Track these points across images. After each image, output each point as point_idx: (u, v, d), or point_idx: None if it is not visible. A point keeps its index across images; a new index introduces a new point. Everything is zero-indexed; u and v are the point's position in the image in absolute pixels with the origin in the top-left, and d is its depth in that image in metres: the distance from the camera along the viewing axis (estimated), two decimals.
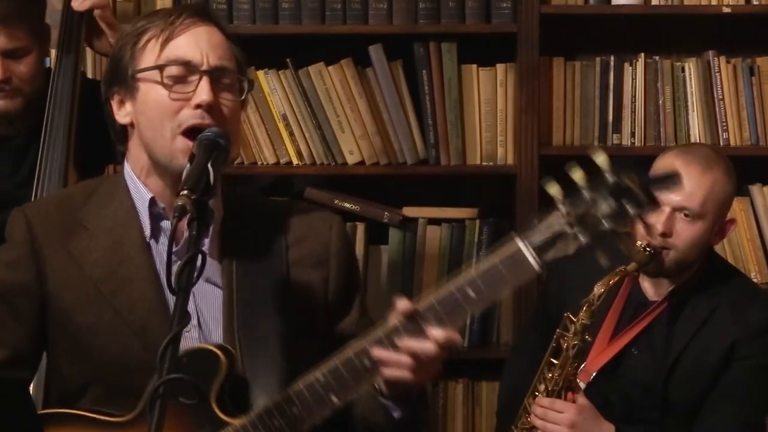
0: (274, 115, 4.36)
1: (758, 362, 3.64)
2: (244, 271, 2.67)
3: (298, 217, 2.78)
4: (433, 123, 4.37)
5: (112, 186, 2.74)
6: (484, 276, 2.40)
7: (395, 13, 4.33)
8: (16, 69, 3.48)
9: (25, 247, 2.69)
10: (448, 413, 4.48)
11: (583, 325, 3.52)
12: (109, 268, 2.66)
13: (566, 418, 3.52)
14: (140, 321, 2.62)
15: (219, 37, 2.64)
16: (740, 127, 4.37)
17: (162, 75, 2.57)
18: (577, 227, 2.34)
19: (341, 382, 2.47)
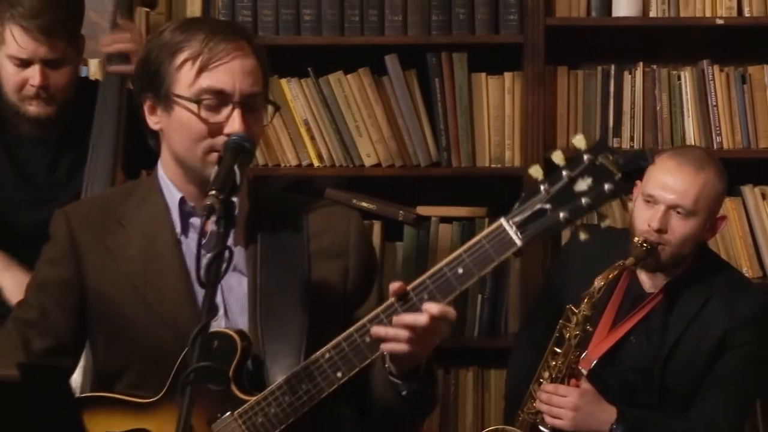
0: (297, 121, 4.37)
1: (749, 350, 3.64)
2: (267, 260, 2.68)
3: (319, 212, 2.78)
4: (445, 127, 4.37)
5: (148, 187, 2.75)
6: (470, 253, 2.42)
7: (410, 25, 4.33)
8: (54, 77, 3.46)
9: (66, 244, 2.71)
10: (459, 399, 4.48)
11: (585, 316, 3.52)
12: (143, 263, 2.68)
13: (569, 402, 3.52)
14: (171, 312, 2.64)
15: (251, 63, 2.62)
16: (733, 132, 4.37)
17: (200, 108, 2.57)
18: (555, 204, 2.35)
19: (344, 359, 2.50)
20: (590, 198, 2.34)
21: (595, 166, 2.34)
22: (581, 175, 2.35)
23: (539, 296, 4.00)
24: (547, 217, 2.37)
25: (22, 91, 3.46)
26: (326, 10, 4.31)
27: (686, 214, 3.52)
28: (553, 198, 2.36)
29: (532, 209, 2.37)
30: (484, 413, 4.46)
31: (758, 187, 4.40)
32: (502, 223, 2.39)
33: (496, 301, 4.41)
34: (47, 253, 2.76)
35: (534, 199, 2.37)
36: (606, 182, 2.34)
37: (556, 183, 2.36)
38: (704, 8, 4.35)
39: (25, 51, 3.40)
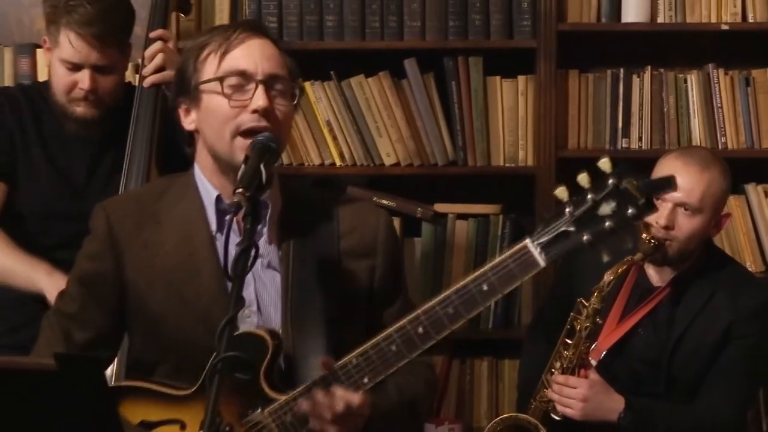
0: (320, 122, 4.37)
1: (752, 341, 3.64)
2: (299, 256, 2.67)
3: (349, 209, 2.78)
4: (461, 128, 4.37)
5: (183, 185, 2.75)
6: (495, 271, 2.41)
7: (428, 30, 4.33)
8: (102, 82, 3.48)
9: (105, 240, 2.71)
10: (475, 388, 4.47)
11: (594, 309, 3.53)
12: (179, 260, 2.68)
13: (579, 393, 3.53)
14: (204, 308, 2.63)
15: (271, 48, 2.65)
16: (737, 132, 4.36)
17: (222, 86, 2.58)
18: (579, 226, 2.34)
19: (371, 366, 2.49)
20: (613, 222, 2.33)
21: (619, 190, 2.32)
22: (605, 199, 2.33)
23: (550, 292, 4.00)
24: (570, 239, 2.35)
25: (71, 93, 3.48)
26: (348, 16, 4.32)
27: (692, 212, 3.53)
28: (577, 221, 2.34)
29: (557, 231, 2.36)
30: (498, 401, 4.46)
31: (761, 185, 4.39)
32: (527, 244, 2.38)
33: (510, 296, 4.40)
34: (87, 248, 2.77)
35: (559, 221, 2.36)
36: (629, 207, 2.32)
37: (580, 206, 2.34)
38: (710, 14, 4.34)
39: (77, 55, 3.43)
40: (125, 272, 2.69)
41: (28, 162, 3.55)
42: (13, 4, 4.58)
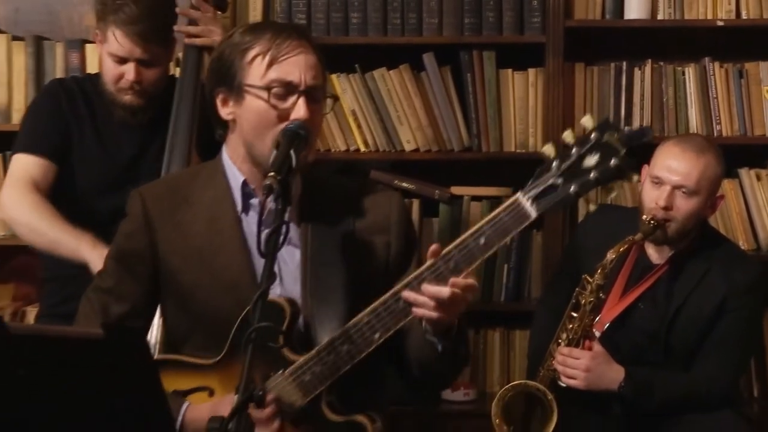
0: (345, 111, 4.37)
1: (745, 314, 3.65)
2: (317, 235, 2.68)
3: (364, 192, 2.79)
4: (476, 117, 4.36)
5: (212, 169, 2.76)
6: (491, 225, 2.42)
7: (445, 26, 4.32)
8: (146, 74, 3.51)
9: (140, 220, 2.72)
10: (488, 357, 4.48)
11: (598, 285, 3.53)
12: (208, 237, 2.69)
13: (582, 364, 3.53)
14: (232, 281, 2.64)
15: (313, 57, 2.64)
16: (731, 121, 4.35)
17: (269, 95, 2.58)
18: (566, 179, 2.35)
19: (381, 322, 2.51)
20: (598, 172, 2.33)
21: (602, 143, 2.33)
22: (589, 151, 2.34)
23: (558, 269, 4.00)
24: (558, 191, 2.36)
25: (119, 84, 3.51)
26: (371, 13, 4.32)
27: (689, 194, 3.53)
28: (564, 174, 2.35)
29: (545, 184, 2.37)
30: (509, 369, 4.47)
31: (753, 169, 4.39)
32: (518, 197, 2.40)
33: (520, 271, 4.42)
34: (124, 228, 2.78)
35: (547, 175, 2.37)
36: (612, 158, 2.32)
37: (566, 160, 2.35)
38: (706, 11, 4.34)
39: (122, 51, 3.46)
40: (158, 250, 2.71)
41: (82, 146, 3.58)
42: (63, 2, 4.59)
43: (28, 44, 4.38)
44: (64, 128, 3.56)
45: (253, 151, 2.64)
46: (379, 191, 2.83)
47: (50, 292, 3.65)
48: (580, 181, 2.34)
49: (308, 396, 2.55)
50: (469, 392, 4.35)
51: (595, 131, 2.34)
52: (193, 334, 2.71)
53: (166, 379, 2.56)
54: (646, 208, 3.55)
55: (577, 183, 2.34)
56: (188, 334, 2.72)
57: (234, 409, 2.21)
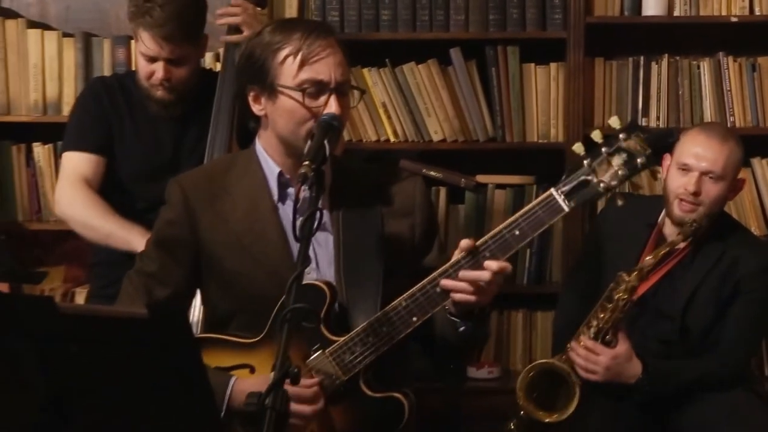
0: (376, 103, 4.38)
1: (758, 296, 3.65)
2: (348, 220, 2.70)
3: (390, 179, 2.80)
4: (500, 109, 4.36)
5: (247, 160, 2.76)
6: (525, 217, 2.48)
7: (471, 23, 4.32)
8: (176, 72, 3.52)
9: (182, 208, 2.73)
10: (510, 338, 4.48)
11: (633, 286, 3.49)
12: (247, 225, 2.70)
13: (603, 361, 3.50)
14: (272, 265, 2.65)
15: (340, 54, 2.64)
16: (744, 113, 4.34)
17: (303, 95, 2.59)
18: (596, 176, 2.42)
19: (419, 306, 2.53)
20: (626, 170, 2.41)
21: (629, 143, 2.40)
22: (617, 151, 2.41)
23: (581, 254, 4.00)
24: (589, 187, 2.43)
25: (150, 80, 3.53)
26: (401, 10, 4.32)
27: (716, 179, 3.55)
28: (594, 171, 2.42)
29: (577, 180, 2.44)
30: (531, 348, 4.47)
31: (765, 159, 4.37)
32: (552, 192, 2.46)
33: (542, 255, 4.42)
34: (164, 215, 2.78)
35: (578, 172, 2.44)
36: (638, 157, 2.40)
37: (596, 158, 2.42)
38: (721, 7, 4.31)
39: (151, 51, 3.48)
40: (200, 237, 2.71)
41: (122, 139, 3.60)
42: (111, 0, 4.60)
43: (77, 40, 4.40)
44: (106, 123, 3.59)
45: (287, 144, 2.65)
46: (403, 177, 2.84)
47: (99, 274, 3.68)
48: (609, 178, 2.42)
49: (348, 374, 2.56)
50: (493, 370, 4.35)
51: (623, 132, 2.42)
52: (236, 316, 2.72)
53: (209, 356, 2.59)
54: (673, 194, 3.55)
55: (606, 180, 2.42)
56: (231, 316, 2.73)
57: (270, 386, 2.22)
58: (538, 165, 4.45)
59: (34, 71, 4.39)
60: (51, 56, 4.40)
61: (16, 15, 4.52)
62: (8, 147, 4.45)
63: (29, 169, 4.44)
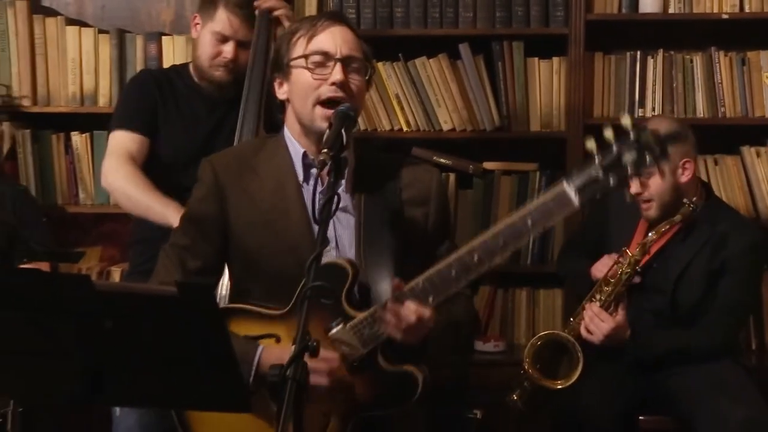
0: (390, 95, 4.37)
1: (744, 275, 3.67)
2: (369, 204, 2.69)
3: (409, 168, 2.79)
4: (506, 100, 4.35)
5: (275, 143, 2.77)
6: (538, 210, 2.42)
7: (478, 20, 4.31)
8: (241, 55, 3.58)
9: (212, 186, 2.74)
10: (515, 314, 4.48)
11: (636, 259, 3.53)
12: (273, 203, 2.70)
13: (605, 327, 3.52)
14: (293, 242, 2.66)
15: (349, 34, 2.67)
16: (734, 104, 4.31)
17: (307, 62, 2.62)
18: (607, 172, 2.35)
19: (434, 287, 2.50)
20: (635, 168, 2.34)
21: (639, 142, 2.34)
22: (628, 149, 2.34)
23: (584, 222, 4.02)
24: (600, 183, 2.37)
25: (215, 60, 3.57)
26: (413, 8, 4.31)
27: (648, 175, 3.50)
28: (605, 168, 2.35)
29: (589, 176, 2.37)
30: (534, 323, 4.46)
31: (754, 147, 4.35)
32: (564, 187, 2.40)
33: (544, 238, 4.40)
34: (196, 193, 2.80)
35: (590, 168, 2.37)
36: (648, 154, 2.33)
37: (607, 156, 2.35)
38: (713, 5, 4.29)
39: (229, 30, 3.54)
40: (228, 213, 2.72)
41: (166, 124, 3.62)
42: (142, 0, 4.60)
43: (112, 37, 4.41)
44: (151, 108, 3.61)
45: (303, 125, 2.67)
46: (421, 167, 2.84)
47: (137, 252, 3.69)
48: (619, 175, 2.35)
49: (367, 347, 2.55)
50: (498, 344, 4.35)
51: (633, 130, 2.35)
52: (258, 289, 2.72)
53: (237, 325, 2.64)
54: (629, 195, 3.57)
55: (616, 176, 2.35)
56: (254, 289, 2.73)
57: (291, 359, 2.22)
58: (541, 153, 4.44)
59: (72, 65, 4.40)
60: (87, 51, 4.41)
61: (56, 13, 4.52)
62: (48, 136, 4.46)
63: (68, 156, 4.45)
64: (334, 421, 2.59)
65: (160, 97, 3.62)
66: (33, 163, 4.43)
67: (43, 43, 4.41)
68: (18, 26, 4.39)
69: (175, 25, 4.56)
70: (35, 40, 4.41)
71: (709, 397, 3.51)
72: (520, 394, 3.66)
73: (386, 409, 2.59)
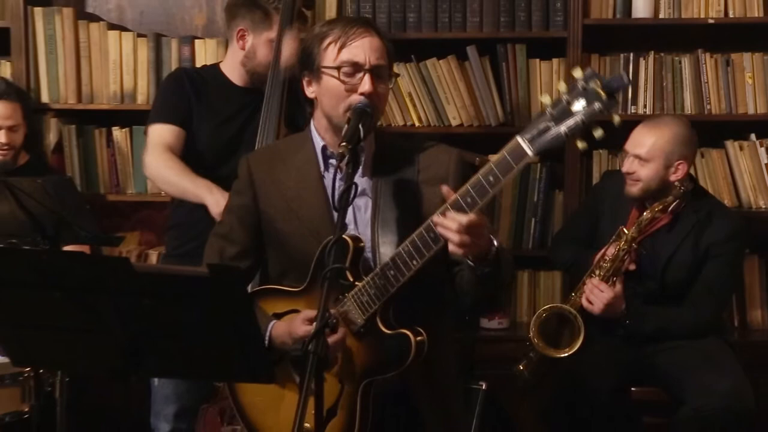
0: (403, 93, 4.36)
1: (727, 259, 3.67)
2: (386, 187, 2.67)
3: (427, 150, 2.74)
4: (510, 98, 4.33)
5: (302, 138, 2.77)
6: (496, 165, 2.36)
7: (485, 24, 4.29)
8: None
9: (247, 180, 2.76)
10: (518, 294, 4.47)
11: (632, 236, 3.55)
12: (297, 191, 2.70)
13: (605, 297, 3.53)
14: (315, 226, 2.65)
15: (378, 42, 2.62)
16: (719, 101, 4.29)
17: (339, 73, 2.58)
18: (557, 121, 2.27)
19: (417, 250, 2.47)
20: (584, 114, 2.25)
21: (587, 90, 2.25)
22: (576, 97, 2.26)
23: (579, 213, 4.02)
24: (551, 132, 2.28)
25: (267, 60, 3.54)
26: (425, 13, 4.29)
27: (642, 161, 3.58)
28: (555, 117, 2.27)
29: (539, 127, 2.29)
30: (535, 302, 4.45)
31: (737, 141, 4.33)
32: (517, 139, 2.33)
33: (545, 223, 4.39)
34: (234, 187, 2.83)
35: (541, 119, 2.30)
36: (595, 101, 2.24)
37: (557, 105, 2.28)
38: (700, 11, 4.27)
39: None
40: (260, 203, 2.74)
41: (201, 119, 3.60)
42: (178, 6, 4.61)
43: (149, 40, 4.40)
44: (186, 102, 3.60)
45: (332, 120, 2.64)
46: (440, 149, 2.77)
47: (172, 237, 3.69)
48: (569, 122, 2.26)
49: (366, 313, 2.54)
50: (502, 321, 4.35)
51: (581, 80, 2.26)
52: (288, 270, 2.73)
53: (267, 304, 2.69)
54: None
55: (566, 124, 2.26)
56: (282, 271, 2.75)
57: (312, 334, 2.24)
58: None
59: (113, 66, 4.40)
60: (127, 54, 4.41)
61: (99, 19, 4.53)
62: (92, 131, 4.47)
63: (109, 149, 4.46)
64: (347, 386, 2.59)
65: (194, 94, 3.61)
66: (78, 156, 4.44)
67: (87, 47, 4.41)
68: (65, 31, 4.39)
69: (207, 30, 4.56)
70: (80, 43, 4.41)
71: (696, 370, 3.52)
72: (526, 365, 3.66)
73: (384, 371, 2.55)
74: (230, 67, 3.65)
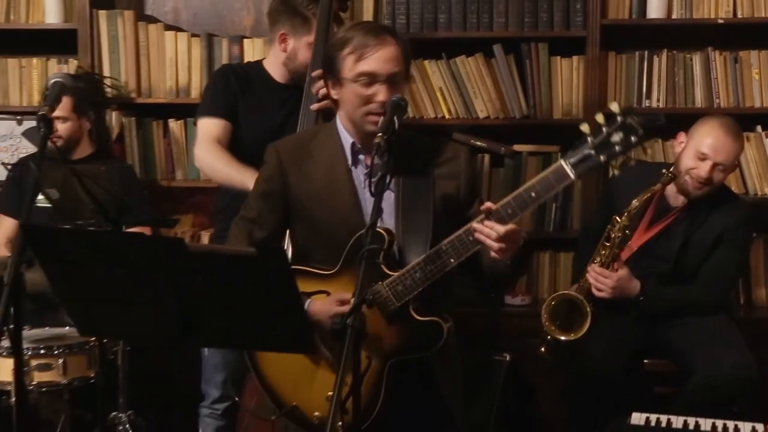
0: (434, 88, 4.34)
1: (737, 244, 3.66)
2: (407, 181, 2.69)
3: (441, 147, 2.79)
4: (533, 93, 4.31)
5: (329, 131, 2.77)
6: (539, 183, 2.46)
7: (510, 24, 4.27)
8: None
9: (276, 167, 2.76)
10: (539, 273, 4.45)
11: (624, 225, 3.50)
12: (326, 182, 2.71)
13: (609, 282, 3.51)
14: (345, 216, 2.67)
15: (393, 50, 2.63)
16: (728, 96, 4.25)
17: (357, 83, 2.61)
18: (597, 150, 2.40)
19: (456, 250, 2.54)
20: (622, 146, 2.38)
21: (625, 124, 2.37)
22: (615, 130, 2.38)
23: (596, 209, 3.98)
24: (592, 160, 2.41)
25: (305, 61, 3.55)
26: (455, 14, 4.27)
27: (725, 170, 3.55)
28: (596, 146, 2.39)
29: (582, 154, 2.41)
30: (555, 281, 4.43)
31: (744, 132, 4.19)
32: (561, 163, 2.44)
33: (565, 208, 4.37)
34: (262, 173, 2.82)
35: (583, 146, 2.41)
36: (632, 135, 2.37)
37: (598, 136, 2.39)
38: (710, 11, 4.23)
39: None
40: (289, 190, 2.74)
41: (246, 112, 3.61)
42: (228, 8, 4.61)
43: (202, 39, 4.42)
44: (232, 96, 3.60)
45: (353, 122, 2.67)
46: (452, 147, 2.82)
47: (219, 220, 3.70)
48: (608, 152, 2.39)
49: (400, 301, 2.59)
50: (525, 298, 4.34)
51: (620, 115, 2.38)
52: (315, 253, 2.74)
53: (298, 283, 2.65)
54: (685, 170, 3.53)
55: (605, 154, 2.39)
56: (311, 251, 2.75)
57: (351, 309, 2.25)
58: (562, 137, 4.36)
59: (169, 63, 4.42)
60: (182, 52, 4.42)
61: (157, 21, 4.55)
62: (150, 123, 4.49)
63: (165, 139, 4.48)
64: (375, 362, 2.61)
65: (239, 89, 3.61)
66: (137, 146, 4.47)
67: (146, 46, 4.44)
68: (126, 32, 4.42)
69: (255, 30, 4.56)
70: (140, 43, 4.44)
71: (705, 344, 3.51)
72: (546, 348, 3.64)
73: (417, 353, 2.62)
74: (272, 65, 3.65)
